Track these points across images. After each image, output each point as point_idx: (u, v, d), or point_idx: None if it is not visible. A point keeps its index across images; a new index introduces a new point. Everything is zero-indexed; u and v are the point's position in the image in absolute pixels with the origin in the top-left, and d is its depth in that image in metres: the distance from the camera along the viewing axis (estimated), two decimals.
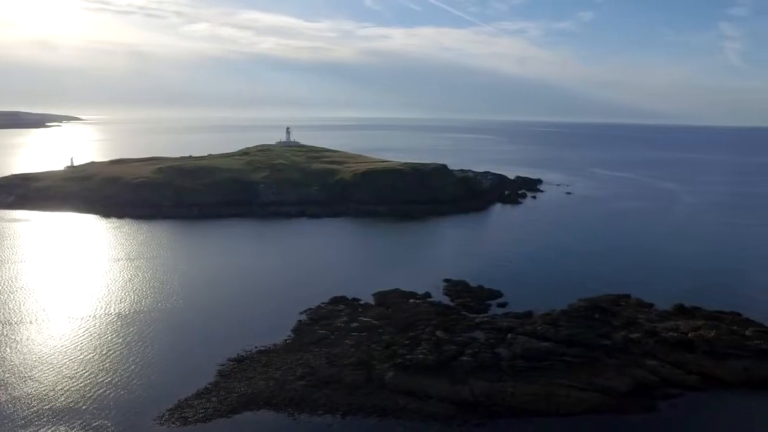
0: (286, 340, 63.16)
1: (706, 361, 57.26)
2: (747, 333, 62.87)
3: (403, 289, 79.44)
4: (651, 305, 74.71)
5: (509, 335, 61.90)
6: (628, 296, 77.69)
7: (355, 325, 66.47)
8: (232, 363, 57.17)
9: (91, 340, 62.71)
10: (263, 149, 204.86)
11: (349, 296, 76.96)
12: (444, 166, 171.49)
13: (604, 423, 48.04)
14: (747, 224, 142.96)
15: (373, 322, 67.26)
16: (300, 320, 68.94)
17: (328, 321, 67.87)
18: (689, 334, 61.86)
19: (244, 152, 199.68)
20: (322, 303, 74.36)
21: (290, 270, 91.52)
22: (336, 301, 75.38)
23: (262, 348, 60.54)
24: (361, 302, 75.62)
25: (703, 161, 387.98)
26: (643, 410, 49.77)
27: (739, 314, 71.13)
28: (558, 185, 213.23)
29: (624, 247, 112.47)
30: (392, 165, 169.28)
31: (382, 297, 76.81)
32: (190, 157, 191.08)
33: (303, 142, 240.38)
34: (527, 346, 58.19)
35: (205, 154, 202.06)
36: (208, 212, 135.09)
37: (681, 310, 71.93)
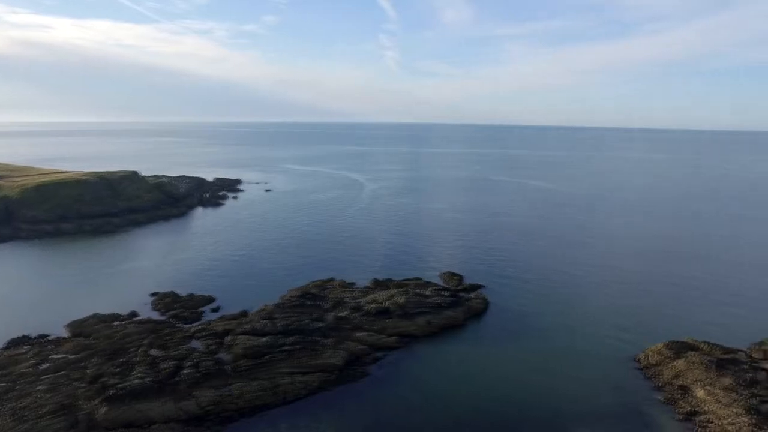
0: None
1: (401, 323, 67.14)
2: (427, 293, 76.03)
3: (103, 312, 70.89)
4: (353, 284, 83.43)
5: (228, 338, 61.60)
6: (332, 279, 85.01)
7: (46, 366, 56.45)
8: None
9: None
10: None
11: (34, 334, 64.94)
12: (135, 173, 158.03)
13: (328, 398, 51.93)
14: (413, 203, 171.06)
15: (71, 356, 58.32)
16: None
17: (7, 370, 55.91)
18: (385, 303, 71.42)
19: None
20: None
21: None
22: (15, 343, 62.65)
23: None
24: (51, 338, 64.64)
25: (378, 153, 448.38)
26: (358, 377, 55.69)
27: (420, 279, 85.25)
28: (257, 183, 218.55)
29: (323, 235, 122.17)
30: (73, 176, 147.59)
31: (78, 326, 67.00)
32: None
33: None
34: (247, 345, 58.80)
35: None
36: None
37: (377, 284, 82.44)
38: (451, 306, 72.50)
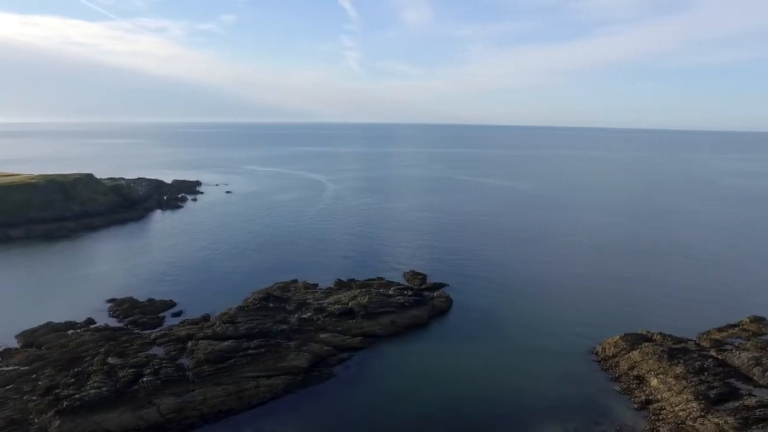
0: None
1: (365, 323, 67.15)
2: (390, 292, 76.25)
3: (56, 321, 68.32)
4: (316, 285, 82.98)
5: (190, 343, 60.43)
6: (295, 281, 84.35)
7: None
8: None
9: None
10: None
11: None
12: (90, 176, 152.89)
13: (293, 401, 51.56)
14: (375, 203, 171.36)
15: (22, 368, 55.99)
16: None
17: None
18: (349, 303, 71.30)
19: None
20: None
21: None
22: None
23: None
24: (0, 350, 61.94)
25: (340, 153, 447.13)
26: (324, 379, 55.48)
27: (382, 279, 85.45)
28: (217, 185, 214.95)
29: (286, 236, 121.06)
30: (21, 179, 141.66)
31: (29, 336, 64.42)
32: None
33: None
34: (210, 349, 57.66)
35: None
36: None
37: (340, 285, 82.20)
38: (415, 305, 72.89)
